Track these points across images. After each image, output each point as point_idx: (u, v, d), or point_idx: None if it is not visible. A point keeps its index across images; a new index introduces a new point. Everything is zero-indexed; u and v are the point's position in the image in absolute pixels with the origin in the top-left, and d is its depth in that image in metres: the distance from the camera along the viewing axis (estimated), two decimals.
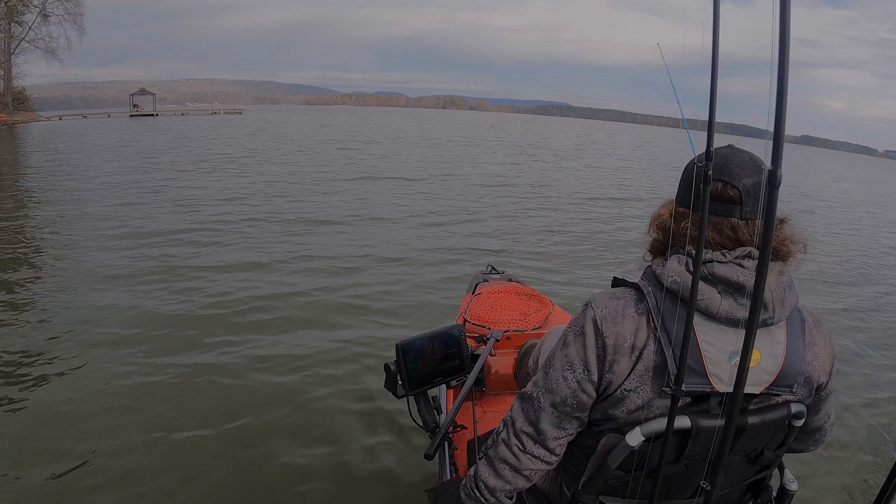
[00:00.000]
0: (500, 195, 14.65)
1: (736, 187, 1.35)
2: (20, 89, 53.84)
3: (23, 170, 17.05)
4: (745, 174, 1.36)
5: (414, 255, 8.27)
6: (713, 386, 1.32)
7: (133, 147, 24.43)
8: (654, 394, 1.37)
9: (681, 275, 1.35)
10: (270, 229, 9.69)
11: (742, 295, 1.32)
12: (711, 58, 1.10)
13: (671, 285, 1.36)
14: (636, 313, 1.40)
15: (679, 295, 1.34)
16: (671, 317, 1.34)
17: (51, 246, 8.07)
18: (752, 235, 1.37)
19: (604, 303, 1.45)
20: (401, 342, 2.13)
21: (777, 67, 0.91)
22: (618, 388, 1.40)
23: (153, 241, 8.42)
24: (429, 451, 2.12)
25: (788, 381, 1.36)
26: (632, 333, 1.38)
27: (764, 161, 1.39)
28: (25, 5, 49.87)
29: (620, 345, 1.39)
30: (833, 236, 12.98)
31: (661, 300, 1.37)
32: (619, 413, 1.41)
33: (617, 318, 1.41)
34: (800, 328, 1.41)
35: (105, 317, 5.46)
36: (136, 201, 11.49)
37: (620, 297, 1.45)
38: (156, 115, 63.10)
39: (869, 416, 4.39)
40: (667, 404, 1.34)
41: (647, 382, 1.37)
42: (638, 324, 1.39)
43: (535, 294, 3.74)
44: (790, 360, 1.37)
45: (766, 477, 1.60)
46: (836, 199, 23.02)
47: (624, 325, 1.40)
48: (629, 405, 1.39)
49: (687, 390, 1.30)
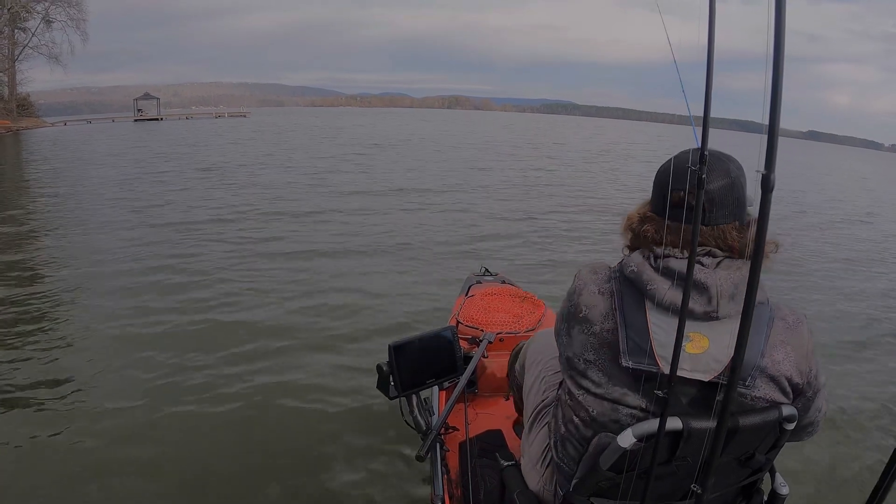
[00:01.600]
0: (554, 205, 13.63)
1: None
2: (25, 95, 54.04)
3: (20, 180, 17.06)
4: (711, 179, 1.42)
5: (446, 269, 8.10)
6: (659, 367, 1.37)
7: (130, 155, 24.09)
8: (612, 370, 1.45)
9: (639, 265, 1.46)
10: (279, 225, 9.74)
11: (695, 289, 1.38)
12: (707, 61, 1.10)
13: (629, 274, 1.48)
14: (598, 291, 1.52)
15: (635, 282, 1.46)
16: (628, 302, 1.46)
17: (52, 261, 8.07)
18: (716, 239, 1.45)
19: (582, 274, 1.59)
20: (393, 343, 2.13)
21: (772, 69, 0.91)
22: (578, 358, 1.51)
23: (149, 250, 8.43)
24: (420, 453, 2.12)
25: (741, 373, 1.36)
26: (587, 306, 1.51)
27: (736, 163, 1.49)
28: (28, 11, 50.06)
29: (576, 314, 1.53)
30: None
31: (622, 285, 1.49)
32: (589, 385, 1.48)
33: (582, 291, 1.55)
34: (763, 325, 1.43)
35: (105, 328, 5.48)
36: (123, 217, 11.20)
37: (596, 272, 1.58)
38: (160, 119, 63.26)
39: (867, 410, 4.42)
40: (626, 383, 1.43)
41: (603, 357, 1.46)
42: (597, 301, 1.51)
43: (528, 296, 3.74)
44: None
45: (757, 480, 1.59)
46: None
47: (583, 297, 1.53)
48: (593, 377, 1.48)
49: (635, 367, 1.40)
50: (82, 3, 53.47)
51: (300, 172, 17.78)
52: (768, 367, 1.40)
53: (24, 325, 5.45)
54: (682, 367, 1.34)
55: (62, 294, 6.37)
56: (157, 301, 6.15)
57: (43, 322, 5.56)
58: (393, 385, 2.15)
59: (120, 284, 6.74)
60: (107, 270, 7.33)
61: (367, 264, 7.88)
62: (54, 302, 6.13)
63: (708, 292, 1.37)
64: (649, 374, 1.39)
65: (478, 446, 2.46)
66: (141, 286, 6.67)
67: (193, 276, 7.15)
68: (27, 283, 6.83)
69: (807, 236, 11.87)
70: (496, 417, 2.81)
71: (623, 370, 1.42)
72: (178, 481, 3.27)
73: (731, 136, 14.18)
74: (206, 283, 6.84)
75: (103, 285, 6.68)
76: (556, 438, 1.63)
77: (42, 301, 6.13)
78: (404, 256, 8.35)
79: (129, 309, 5.88)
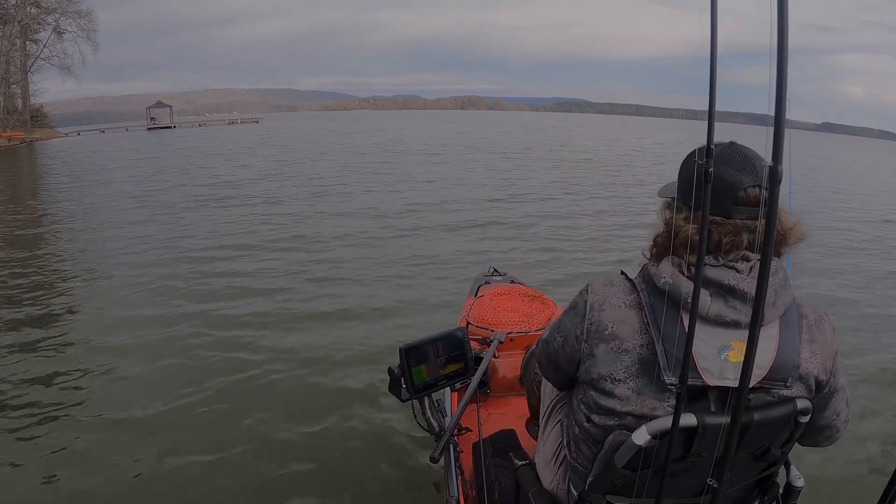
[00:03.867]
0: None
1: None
2: (38, 106, 54.64)
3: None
4: (744, 174, 1.39)
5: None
6: (703, 379, 1.34)
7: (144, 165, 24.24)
8: (643, 386, 1.41)
9: (673, 276, 1.39)
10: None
11: (734, 297, 1.36)
12: (710, 54, 1.08)
13: (663, 286, 1.40)
14: (623, 305, 1.46)
15: (671, 295, 1.38)
16: (662, 314, 1.38)
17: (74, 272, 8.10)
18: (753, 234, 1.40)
19: (597, 288, 1.52)
20: (404, 345, 2.12)
21: (776, 63, 0.90)
22: (606, 378, 1.45)
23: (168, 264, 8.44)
24: (434, 454, 2.12)
25: (782, 375, 1.37)
26: (614, 322, 1.45)
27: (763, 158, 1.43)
28: (39, 23, 50.60)
29: (601, 332, 1.46)
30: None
31: (653, 298, 1.42)
32: (614, 405, 1.45)
33: (604, 307, 1.48)
34: (796, 324, 1.42)
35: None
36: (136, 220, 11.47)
37: (614, 284, 1.51)
38: (173, 127, 63.72)
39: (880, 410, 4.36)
40: (659, 398, 1.40)
41: (634, 374, 1.42)
42: (624, 315, 1.45)
43: (537, 295, 3.73)
44: (783, 354, 1.38)
45: (772, 474, 1.58)
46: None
47: (607, 314, 1.47)
48: (620, 395, 1.44)
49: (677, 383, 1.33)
50: (93, 14, 54.24)
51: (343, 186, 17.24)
52: (802, 367, 1.41)
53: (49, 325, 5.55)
54: (725, 377, 1.34)
55: (92, 290, 6.65)
56: (179, 307, 6.22)
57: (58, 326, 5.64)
58: (405, 387, 2.14)
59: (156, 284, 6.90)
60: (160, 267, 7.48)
61: (382, 269, 7.89)
62: (83, 297, 6.40)
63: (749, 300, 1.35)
64: (692, 387, 1.35)
65: (491, 446, 2.45)
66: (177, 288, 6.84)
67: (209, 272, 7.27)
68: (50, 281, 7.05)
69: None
70: (509, 417, 2.80)
71: (661, 386, 1.39)
72: (182, 484, 3.30)
73: (743, 130, 13.55)
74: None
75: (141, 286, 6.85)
76: (570, 438, 1.63)
77: (69, 299, 6.34)
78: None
79: (148, 316, 5.96)
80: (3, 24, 47.10)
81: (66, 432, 3.77)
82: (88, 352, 5.08)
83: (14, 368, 4.73)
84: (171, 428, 3.82)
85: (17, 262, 8.33)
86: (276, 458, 3.52)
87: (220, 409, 4.09)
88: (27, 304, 6.42)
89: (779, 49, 0.90)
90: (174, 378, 4.53)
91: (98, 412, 4.02)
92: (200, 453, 3.57)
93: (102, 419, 3.94)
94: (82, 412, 4.03)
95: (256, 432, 3.81)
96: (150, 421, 3.90)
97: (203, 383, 4.42)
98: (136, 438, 3.70)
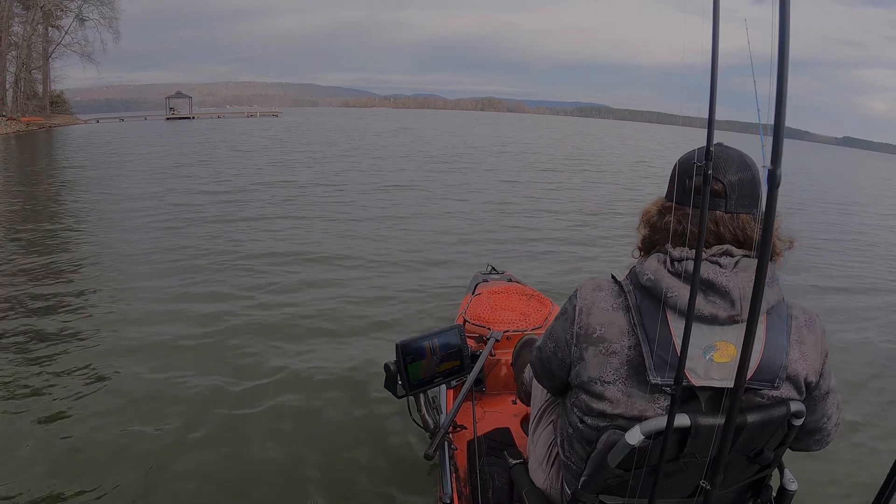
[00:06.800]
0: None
1: (721, 181, 1.42)
2: (59, 93, 55.07)
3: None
4: (731, 170, 1.43)
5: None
6: (689, 380, 1.33)
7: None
8: (633, 387, 1.41)
9: (656, 272, 1.41)
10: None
11: (713, 292, 1.36)
12: (711, 59, 1.09)
13: (646, 283, 1.42)
14: (611, 308, 1.47)
15: (653, 291, 1.40)
16: (649, 314, 1.39)
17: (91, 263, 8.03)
18: (734, 230, 1.44)
19: (585, 293, 1.53)
20: (401, 342, 2.12)
21: (777, 67, 0.91)
22: (595, 381, 1.45)
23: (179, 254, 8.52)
24: (429, 452, 2.11)
25: (768, 375, 1.36)
26: (601, 325, 1.46)
27: (755, 160, 1.49)
28: (62, 10, 51.00)
29: (589, 335, 1.47)
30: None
31: (640, 298, 1.43)
32: (605, 407, 1.45)
33: (592, 311, 1.48)
34: (784, 324, 1.42)
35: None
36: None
37: (602, 288, 1.52)
38: (192, 118, 64.07)
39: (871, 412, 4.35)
40: (649, 399, 1.40)
41: (623, 376, 1.42)
42: (611, 318, 1.45)
43: (535, 294, 3.74)
44: (769, 354, 1.37)
45: (766, 476, 1.58)
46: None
47: (595, 317, 1.47)
48: (610, 397, 1.44)
49: (663, 383, 1.35)
50: (115, 2, 54.83)
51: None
52: (791, 367, 1.40)
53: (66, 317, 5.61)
54: (711, 377, 1.33)
55: (109, 287, 6.60)
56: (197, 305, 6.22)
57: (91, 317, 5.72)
58: (400, 384, 2.14)
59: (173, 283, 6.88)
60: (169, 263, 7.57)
61: (386, 267, 7.88)
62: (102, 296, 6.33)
63: (730, 296, 1.35)
64: (682, 388, 1.35)
65: (486, 445, 2.45)
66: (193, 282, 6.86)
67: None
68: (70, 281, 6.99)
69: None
70: (504, 415, 2.82)
71: (651, 387, 1.39)
72: (180, 482, 3.29)
73: (746, 138, 13.11)
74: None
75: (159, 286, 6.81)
76: (563, 437, 1.63)
77: (89, 296, 6.32)
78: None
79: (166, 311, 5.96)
80: (26, 10, 47.53)
81: (70, 428, 3.77)
82: (89, 352, 5.02)
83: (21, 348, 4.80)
84: (170, 426, 3.80)
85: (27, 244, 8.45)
86: (268, 454, 3.52)
87: (218, 405, 4.07)
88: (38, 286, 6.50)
89: (779, 58, 0.91)
90: (178, 376, 4.50)
91: (101, 410, 4.00)
92: (191, 449, 3.57)
93: (104, 419, 3.90)
94: (83, 412, 3.98)
95: (249, 428, 3.80)
96: (156, 417, 3.89)
97: (202, 382, 4.40)
98: (139, 435, 3.68)
